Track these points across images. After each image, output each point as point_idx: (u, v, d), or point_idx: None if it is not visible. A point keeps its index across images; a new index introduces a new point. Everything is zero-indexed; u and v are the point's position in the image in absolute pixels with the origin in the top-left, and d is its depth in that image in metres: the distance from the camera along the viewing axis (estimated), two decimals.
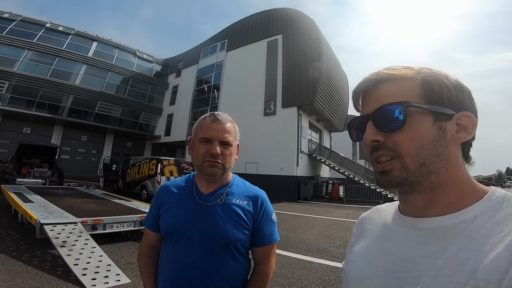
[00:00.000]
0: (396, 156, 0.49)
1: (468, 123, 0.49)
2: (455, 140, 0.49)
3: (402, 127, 0.48)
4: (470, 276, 0.39)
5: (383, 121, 0.50)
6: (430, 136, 0.48)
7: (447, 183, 0.49)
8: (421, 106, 0.48)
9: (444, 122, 0.48)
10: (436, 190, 0.49)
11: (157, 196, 1.10)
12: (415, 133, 0.48)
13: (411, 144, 0.48)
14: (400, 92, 0.50)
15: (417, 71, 0.51)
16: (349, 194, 14.02)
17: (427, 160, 0.47)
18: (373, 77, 0.53)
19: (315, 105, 15.39)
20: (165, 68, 27.08)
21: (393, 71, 0.52)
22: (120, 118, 23.18)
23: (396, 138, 0.49)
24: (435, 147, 0.48)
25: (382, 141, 0.50)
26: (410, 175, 0.48)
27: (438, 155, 0.48)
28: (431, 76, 0.50)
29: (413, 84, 0.50)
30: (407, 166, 0.48)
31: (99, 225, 4.36)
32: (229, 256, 0.98)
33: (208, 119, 1.03)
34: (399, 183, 0.49)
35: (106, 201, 6.82)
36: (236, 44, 20.12)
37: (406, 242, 0.51)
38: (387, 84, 0.51)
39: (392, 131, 0.49)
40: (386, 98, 0.50)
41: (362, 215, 0.71)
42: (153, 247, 1.10)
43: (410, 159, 0.48)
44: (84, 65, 21.26)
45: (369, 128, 0.51)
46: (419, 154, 0.47)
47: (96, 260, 3.13)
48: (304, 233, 6.32)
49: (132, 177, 11.56)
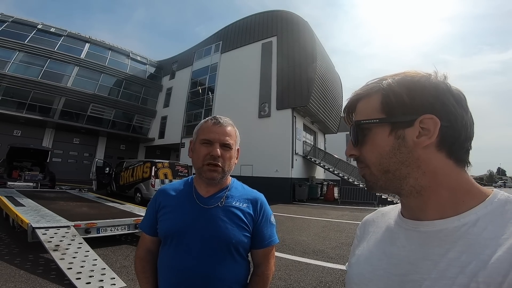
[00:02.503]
0: (366, 166, 0.55)
1: (430, 126, 0.48)
2: (418, 145, 0.49)
3: (358, 143, 0.55)
4: (471, 279, 0.40)
5: (354, 138, 0.56)
6: (388, 146, 0.51)
7: (431, 186, 0.49)
8: (369, 122, 0.53)
9: (402, 130, 0.49)
10: (422, 193, 0.50)
11: (155, 199, 1.09)
12: (373, 145, 0.53)
13: (372, 155, 0.53)
14: (367, 108, 0.55)
15: (380, 85, 0.53)
16: (344, 195, 14.09)
17: (390, 167, 0.51)
18: (352, 96, 0.58)
19: (310, 107, 15.47)
20: (159, 70, 26.94)
21: (366, 87, 0.56)
22: (113, 121, 22.93)
23: (363, 151, 0.55)
24: (395, 155, 0.50)
25: (358, 155, 0.56)
26: (378, 180, 0.53)
27: (401, 162, 0.50)
28: (390, 86, 0.51)
29: (376, 98, 0.53)
30: (374, 173, 0.54)
31: (92, 229, 4.32)
32: (230, 259, 0.98)
33: (209, 122, 1.04)
34: (372, 187, 0.55)
35: (99, 204, 6.77)
36: (231, 46, 20.14)
37: (409, 245, 0.51)
38: (362, 102, 0.56)
39: (357, 146, 0.55)
40: (359, 116, 0.56)
41: (365, 218, 0.72)
42: (151, 252, 1.09)
43: (374, 167, 0.53)
44: (76, 67, 21.01)
45: (348, 144, 0.58)
46: (381, 163, 0.52)
47: (90, 264, 3.08)
48: (300, 235, 6.34)
49: (125, 180, 11.46)
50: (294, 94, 15.53)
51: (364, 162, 0.55)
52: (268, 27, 18.12)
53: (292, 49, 16.42)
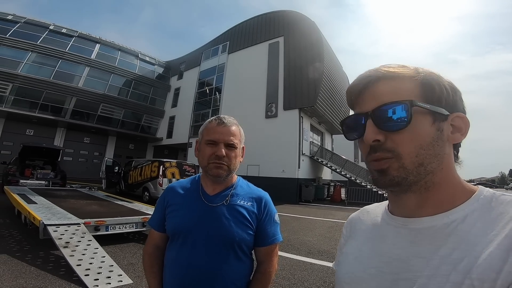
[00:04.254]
0: (393, 157, 0.48)
1: (461, 124, 0.50)
2: (450, 141, 0.50)
3: (406, 127, 0.47)
4: (465, 276, 0.40)
5: (385, 120, 0.48)
6: (430, 136, 0.48)
7: (440, 183, 0.49)
8: (424, 106, 0.47)
9: (441, 122, 0.49)
10: (430, 189, 0.49)
11: (163, 196, 1.13)
12: (415, 134, 0.47)
13: (411, 145, 0.47)
14: (400, 91, 0.49)
15: (415, 70, 0.50)
16: (351, 196, 13.98)
17: (425, 161, 0.47)
18: (372, 73, 0.52)
19: (317, 107, 15.39)
20: (167, 71, 27.17)
21: (392, 69, 0.51)
22: (123, 121, 23.23)
23: (397, 138, 0.48)
24: (433, 147, 0.48)
25: (383, 141, 0.49)
26: (409, 175, 0.48)
27: (435, 155, 0.48)
28: (431, 76, 0.50)
29: (413, 84, 0.49)
30: (405, 166, 0.47)
31: (101, 226, 4.39)
32: (233, 256, 1.00)
33: (214, 122, 1.06)
34: (399, 183, 0.48)
35: (108, 202, 6.84)
36: (238, 47, 20.18)
37: (399, 243, 0.51)
38: (386, 82, 0.50)
39: (395, 131, 0.48)
40: (386, 97, 0.49)
41: (351, 216, 0.71)
42: (158, 247, 1.12)
43: (409, 159, 0.47)
44: (87, 67, 21.34)
45: (370, 127, 0.49)
46: (418, 154, 0.47)
47: (99, 260, 3.15)
48: (306, 235, 6.32)
49: (134, 179, 11.58)
50: (301, 94, 15.47)
51: (395, 151, 0.48)
52: (275, 28, 18.08)
53: (299, 49, 16.34)
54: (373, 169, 0.51)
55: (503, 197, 0.46)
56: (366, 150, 0.52)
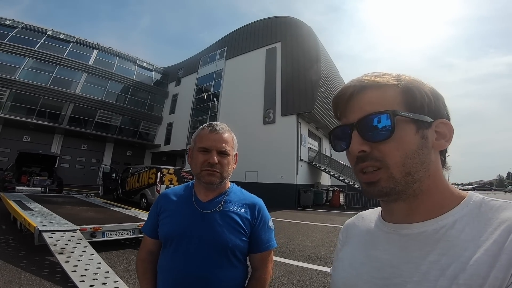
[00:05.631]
0: (382, 167, 0.48)
1: (445, 130, 0.50)
2: (435, 148, 0.50)
3: (390, 137, 0.47)
4: (452, 281, 0.40)
5: (369, 131, 0.48)
6: (414, 145, 0.48)
7: (428, 190, 0.49)
8: (407, 115, 0.47)
9: (425, 130, 0.49)
10: (418, 197, 0.49)
11: (156, 203, 1.13)
12: (400, 143, 0.47)
13: (397, 154, 0.47)
14: (382, 100, 0.49)
15: (396, 78, 0.51)
16: (350, 201, 13.96)
17: (412, 169, 0.47)
18: (356, 83, 0.52)
19: (314, 113, 15.45)
20: (165, 77, 27.26)
21: (374, 78, 0.51)
22: (120, 127, 23.16)
23: (383, 148, 0.48)
24: (418, 156, 0.48)
25: (369, 151, 0.49)
26: (397, 185, 0.48)
27: (421, 163, 0.48)
28: (412, 83, 0.50)
29: (395, 92, 0.49)
30: (394, 176, 0.47)
31: (98, 233, 4.37)
32: (227, 263, 1.00)
33: (206, 129, 1.07)
34: (388, 193, 0.49)
35: (105, 209, 6.82)
36: (235, 53, 20.31)
37: (390, 249, 0.51)
38: (369, 92, 0.50)
39: (380, 141, 0.48)
40: (370, 106, 0.49)
41: (347, 222, 0.72)
42: (152, 253, 1.12)
43: (396, 169, 0.47)
44: (85, 73, 21.34)
45: (355, 138, 0.50)
46: (405, 163, 0.47)
47: (94, 267, 3.11)
48: (304, 241, 6.28)
49: (131, 186, 11.53)
50: (298, 100, 15.54)
51: (383, 161, 0.48)
52: (272, 33, 18.23)
53: (296, 55, 16.48)
54: (361, 181, 0.51)
55: (493, 203, 0.47)
56: (353, 160, 0.52)
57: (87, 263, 3.18)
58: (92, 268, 3.07)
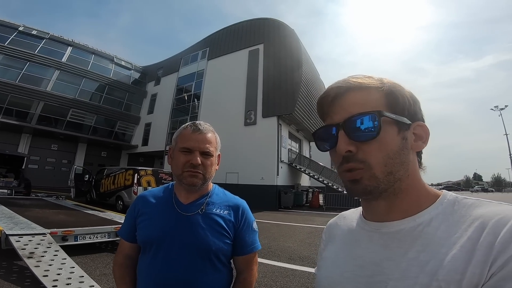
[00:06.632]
0: (364, 167, 0.49)
1: (422, 133, 0.53)
2: (413, 149, 0.52)
3: (376, 137, 0.48)
4: (432, 278, 0.41)
5: (356, 131, 0.49)
6: (396, 145, 0.49)
7: (407, 188, 0.51)
8: (391, 116, 0.49)
9: (405, 131, 0.51)
10: (398, 196, 0.51)
11: (134, 206, 1.08)
12: (384, 143, 0.49)
13: (380, 154, 0.49)
14: (368, 101, 0.51)
15: (380, 81, 0.52)
16: (329, 202, 14.24)
17: (393, 169, 0.49)
18: (341, 84, 0.53)
19: (295, 115, 15.66)
20: (144, 76, 26.58)
21: (360, 80, 0.53)
22: (94, 127, 22.31)
23: (367, 148, 0.49)
24: (399, 156, 0.49)
25: (355, 152, 0.49)
26: (380, 184, 0.49)
27: (402, 163, 0.50)
28: (395, 87, 0.52)
29: (379, 94, 0.51)
30: (376, 176, 0.49)
31: (69, 236, 4.26)
32: (210, 266, 0.97)
33: (189, 129, 1.02)
34: (371, 191, 0.50)
35: (77, 212, 6.70)
36: (218, 53, 20.21)
37: (372, 247, 0.52)
38: (355, 93, 0.52)
39: (366, 141, 0.49)
40: (356, 107, 0.50)
41: (329, 222, 0.73)
42: (130, 257, 1.07)
43: (379, 169, 0.48)
44: (57, 70, 20.41)
45: (342, 138, 0.50)
46: (387, 163, 0.49)
47: (67, 271, 2.94)
48: (286, 241, 6.32)
49: (106, 188, 11.18)
50: (279, 102, 15.69)
51: (366, 161, 0.49)
52: (256, 35, 18.31)
53: (278, 57, 16.65)
54: (346, 179, 0.52)
55: (465, 201, 0.49)
56: (338, 160, 0.52)
57: (59, 267, 3.01)
58: (65, 272, 2.90)
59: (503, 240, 0.39)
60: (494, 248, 0.39)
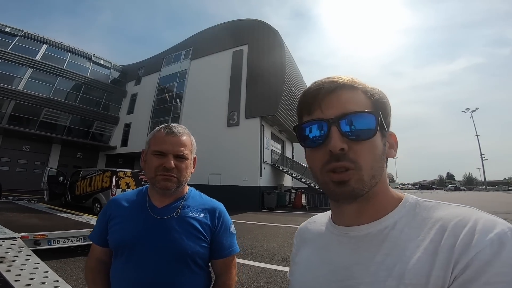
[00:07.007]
0: (354, 168, 0.47)
1: (393, 141, 0.55)
2: (387, 155, 0.54)
3: (372, 138, 0.48)
4: (399, 281, 0.42)
5: (352, 129, 0.48)
6: (380, 150, 0.50)
7: (378, 193, 0.51)
8: (383, 121, 0.50)
9: (384, 138, 0.52)
10: (370, 200, 0.51)
11: (105, 209, 1.06)
12: (373, 146, 0.49)
13: (369, 157, 0.48)
14: (362, 102, 0.50)
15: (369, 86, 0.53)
16: (311, 202, 14.40)
17: (376, 173, 0.49)
18: (336, 79, 0.51)
19: (278, 116, 15.77)
20: (124, 75, 25.78)
21: (354, 80, 0.52)
22: (70, 127, 21.35)
23: (358, 148, 0.48)
24: (381, 160, 0.50)
25: (346, 150, 0.47)
26: (365, 187, 0.48)
27: (381, 167, 0.50)
28: (383, 94, 0.53)
29: (371, 98, 0.51)
30: (363, 179, 0.48)
31: (42, 240, 4.14)
32: (187, 270, 0.96)
33: (162, 131, 1.00)
34: (357, 195, 0.48)
35: (51, 215, 6.54)
36: (201, 53, 20.00)
37: (342, 251, 0.53)
38: (350, 91, 0.50)
39: (360, 141, 0.48)
40: (351, 105, 0.49)
41: (300, 226, 0.73)
42: (102, 262, 1.04)
43: (366, 171, 0.48)
44: (30, 68, 19.38)
45: (336, 135, 0.48)
46: (372, 166, 0.48)
47: (41, 276, 2.78)
48: (269, 242, 6.32)
49: (82, 190, 10.76)
50: (262, 103, 15.74)
51: (357, 162, 0.47)
52: (240, 36, 18.25)
53: (262, 58, 16.71)
54: (331, 180, 0.49)
55: (426, 203, 0.50)
56: (323, 158, 0.49)
57: (32, 272, 2.85)
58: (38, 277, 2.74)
59: (463, 243, 0.40)
60: (455, 250, 0.40)
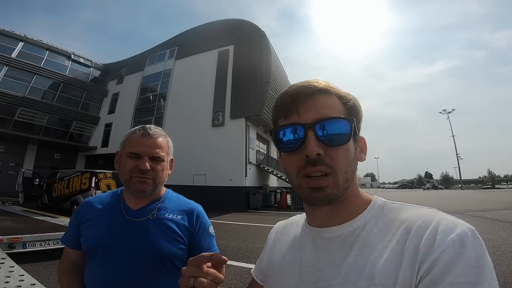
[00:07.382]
0: (331, 173, 0.48)
1: (363, 146, 0.56)
2: (359, 160, 0.55)
3: (347, 143, 0.49)
4: (369, 282, 0.42)
5: (328, 134, 0.48)
6: (353, 154, 0.51)
7: (350, 195, 0.52)
8: (356, 126, 0.51)
9: (356, 143, 0.53)
10: (343, 202, 0.52)
11: (77, 212, 1.03)
12: (347, 151, 0.49)
13: (344, 161, 0.49)
14: (338, 108, 0.51)
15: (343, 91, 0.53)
16: (296, 202, 14.50)
17: (349, 177, 0.50)
18: (312, 84, 0.51)
19: (263, 117, 15.81)
20: (105, 74, 25.05)
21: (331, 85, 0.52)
22: (46, 127, 20.53)
23: (334, 153, 0.48)
24: (354, 164, 0.51)
25: (322, 155, 0.47)
26: (339, 191, 0.49)
27: (353, 171, 0.52)
28: (356, 99, 0.54)
29: (345, 104, 0.52)
30: (338, 183, 0.48)
31: (17, 244, 4.05)
32: (165, 272, 0.94)
33: (137, 133, 0.98)
34: (333, 199, 0.49)
35: (26, 218, 6.39)
36: (186, 53, 19.76)
37: (315, 252, 0.53)
38: (326, 97, 0.51)
39: (335, 146, 0.48)
40: (328, 110, 0.49)
41: (277, 225, 0.73)
42: (76, 265, 1.02)
43: (341, 176, 0.48)
44: (6, 66, 18.52)
45: (313, 140, 0.47)
46: (347, 171, 0.49)
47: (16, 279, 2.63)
48: (255, 242, 6.31)
49: (59, 192, 10.41)
50: (248, 103, 15.75)
51: (332, 167, 0.48)
52: (226, 36, 18.15)
53: (248, 58, 16.71)
54: (306, 186, 0.49)
55: (392, 205, 0.51)
56: (300, 162, 0.49)
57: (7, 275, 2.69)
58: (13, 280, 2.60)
59: (426, 243, 0.41)
60: (420, 251, 0.40)
